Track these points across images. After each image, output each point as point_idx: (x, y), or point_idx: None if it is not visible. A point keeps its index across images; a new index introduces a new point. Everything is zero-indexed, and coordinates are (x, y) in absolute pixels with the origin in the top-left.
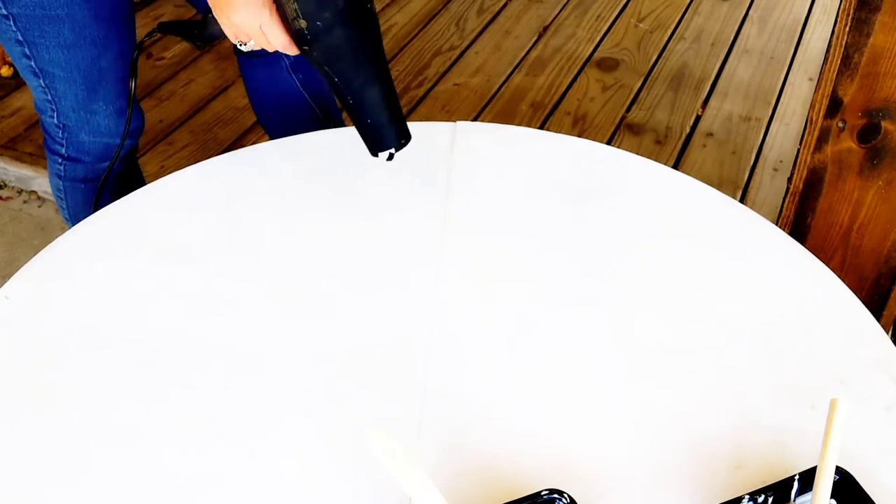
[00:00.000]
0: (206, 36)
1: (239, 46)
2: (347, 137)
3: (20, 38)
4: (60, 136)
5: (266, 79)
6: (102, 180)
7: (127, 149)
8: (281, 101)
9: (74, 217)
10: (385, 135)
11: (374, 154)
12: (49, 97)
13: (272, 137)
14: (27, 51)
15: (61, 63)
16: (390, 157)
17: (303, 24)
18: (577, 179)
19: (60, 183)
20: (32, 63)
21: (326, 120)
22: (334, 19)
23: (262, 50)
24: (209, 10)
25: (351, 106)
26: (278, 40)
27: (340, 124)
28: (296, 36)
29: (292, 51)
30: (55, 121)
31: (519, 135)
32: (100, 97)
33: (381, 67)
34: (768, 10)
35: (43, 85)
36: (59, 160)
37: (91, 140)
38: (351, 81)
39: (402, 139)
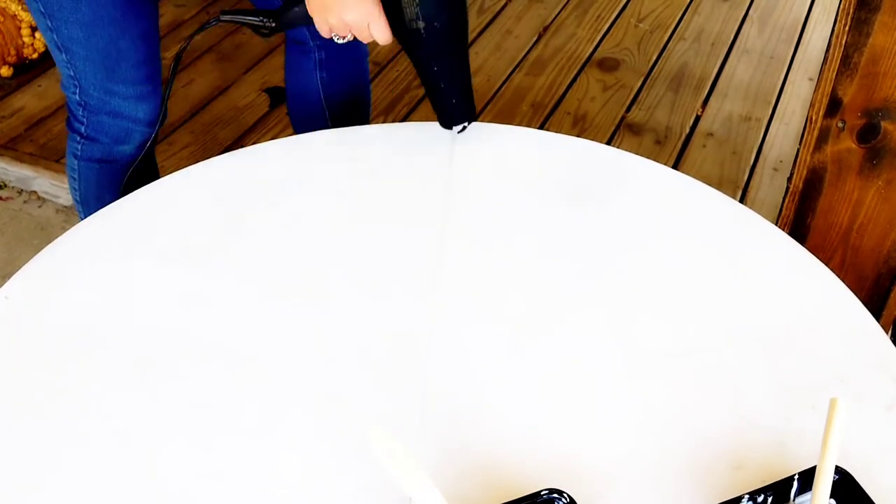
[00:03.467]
0: (282, 25)
1: (335, 40)
2: (347, 138)
3: (42, 10)
4: (81, 114)
5: (301, 69)
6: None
7: (144, 136)
8: (303, 97)
9: (84, 200)
10: (464, 111)
11: (449, 127)
12: (72, 73)
13: (296, 131)
14: (49, 24)
15: (80, 40)
16: (463, 128)
17: (421, 24)
18: (577, 179)
19: (76, 163)
20: (55, 37)
21: (334, 124)
22: (449, 20)
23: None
24: (288, 2)
25: (441, 90)
26: (382, 34)
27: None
28: (409, 34)
29: (387, 42)
30: (77, 98)
31: (519, 135)
32: (118, 79)
33: (467, 53)
34: (768, 10)
35: (65, 60)
36: (78, 139)
37: (110, 122)
38: (448, 69)
39: (473, 114)
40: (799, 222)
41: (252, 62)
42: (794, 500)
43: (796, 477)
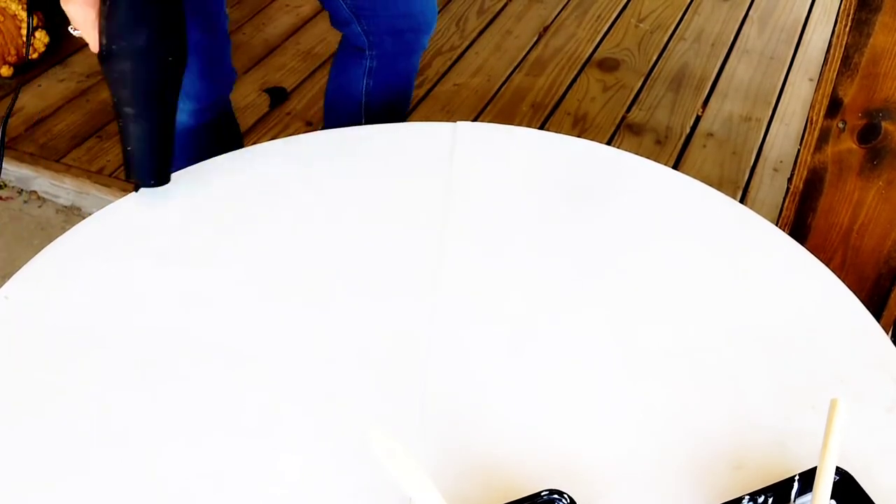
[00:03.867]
0: None
1: (70, 30)
2: (347, 138)
3: None
4: None
5: (350, 71)
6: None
7: (192, 105)
8: (344, 97)
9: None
10: (137, 168)
11: (128, 179)
12: None
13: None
14: None
15: None
16: (136, 187)
17: (104, 41)
18: (577, 179)
19: None
20: None
21: None
22: (127, 52)
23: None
24: None
25: (119, 128)
26: (91, 43)
27: None
28: (100, 47)
29: (95, 52)
30: None
31: (519, 135)
32: None
33: (159, 112)
34: (768, 10)
35: None
36: None
37: None
38: (123, 108)
39: (153, 180)
40: (799, 223)
41: (252, 62)
42: (794, 501)
43: (797, 478)
